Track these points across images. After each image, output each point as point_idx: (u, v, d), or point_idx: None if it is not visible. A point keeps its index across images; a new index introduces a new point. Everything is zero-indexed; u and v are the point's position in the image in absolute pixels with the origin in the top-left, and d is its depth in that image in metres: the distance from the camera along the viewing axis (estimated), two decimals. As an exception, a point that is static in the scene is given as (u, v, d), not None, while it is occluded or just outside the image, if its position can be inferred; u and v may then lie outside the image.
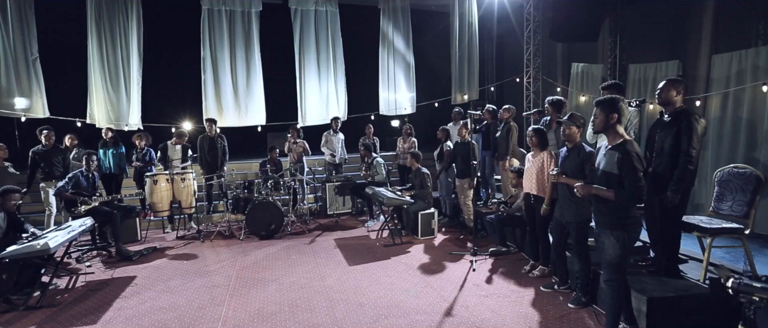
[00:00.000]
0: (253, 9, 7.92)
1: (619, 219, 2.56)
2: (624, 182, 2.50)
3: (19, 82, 6.83)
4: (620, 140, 2.58)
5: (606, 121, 2.60)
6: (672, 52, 7.21)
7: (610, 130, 2.61)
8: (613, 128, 2.60)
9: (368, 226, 6.32)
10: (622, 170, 2.50)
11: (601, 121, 2.62)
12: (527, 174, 4.04)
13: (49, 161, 5.46)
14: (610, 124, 2.59)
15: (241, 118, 8.10)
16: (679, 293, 2.93)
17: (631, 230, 2.57)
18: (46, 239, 3.58)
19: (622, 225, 2.56)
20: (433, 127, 7.17)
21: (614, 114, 2.57)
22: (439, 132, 5.94)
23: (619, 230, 2.56)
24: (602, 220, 2.65)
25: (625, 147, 2.52)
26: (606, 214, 2.62)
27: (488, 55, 11.54)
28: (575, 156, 3.26)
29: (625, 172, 2.49)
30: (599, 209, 2.67)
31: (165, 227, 6.37)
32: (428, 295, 3.71)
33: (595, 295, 3.37)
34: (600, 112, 2.62)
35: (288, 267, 4.54)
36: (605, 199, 2.59)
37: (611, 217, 2.59)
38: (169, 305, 3.64)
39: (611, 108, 2.58)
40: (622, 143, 2.56)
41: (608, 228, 2.60)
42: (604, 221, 2.64)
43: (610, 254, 2.62)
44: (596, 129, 2.68)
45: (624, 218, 2.55)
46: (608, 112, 2.58)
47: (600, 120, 2.63)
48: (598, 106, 2.64)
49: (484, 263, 4.54)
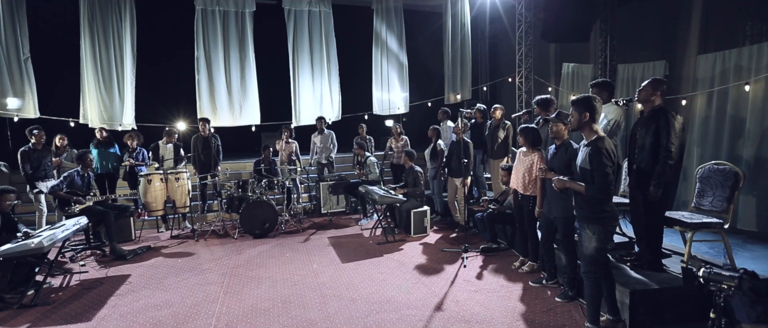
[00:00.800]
0: (246, 9, 7.96)
1: (595, 213, 2.67)
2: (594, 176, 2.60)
3: (13, 82, 6.80)
4: (594, 137, 2.69)
5: (579, 119, 2.72)
6: (660, 53, 7.35)
7: (585, 128, 2.73)
8: (587, 126, 2.71)
9: (362, 224, 6.38)
10: (592, 164, 2.61)
11: (576, 120, 2.74)
12: (515, 171, 4.12)
13: (38, 161, 5.42)
14: (584, 122, 2.71)
15: (236, 118, 8.12)
16: (661, 285, 3.03)
17: (606, 223, 2.67)
18: (40, 238, 3.60)
19: (597, 219, 2.66)
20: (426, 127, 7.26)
21: (586, 113, 2.68)
22: (430, 131, 6.01)
23: (595, 223, 2.67)
24: (581, 214, 2.77)
25: (596, 143, 2.64)
26: (583, 208, 2.73)
27: (481, 55, 11.65)
28: (563, 153, 3.34)
29: (594, 166, 2.60)
30: (578, 203, 2.79)
31: (159, 227, 6.39)
32: (419, 290, 3.79)
33: (581, 289, 3.45)
34: (574, 110, 2.75)
35: (281, 265, 4.59)
36: (582, 193, 2.69)
37: (587, 210, 2.70)
38: (163, 302, 3.68)
39: (584, 107, 2.70)
40: (594, 140, 2.68)
41: (585, 221, 2.71)
42: (582, 215, 2.75)
43: (586, 246, 2.73)
44: (572, 127, 2.80)
45: (599, 211, 2.66)
46: (581, 110, 2.70)
47: (574, 119, 2.76)
48: (573, 105, 2.76)
49: (475, 259, 4.62)
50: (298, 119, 8.44)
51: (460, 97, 9.48)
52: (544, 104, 4.67)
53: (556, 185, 2.82)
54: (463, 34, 9.30)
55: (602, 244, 2.68)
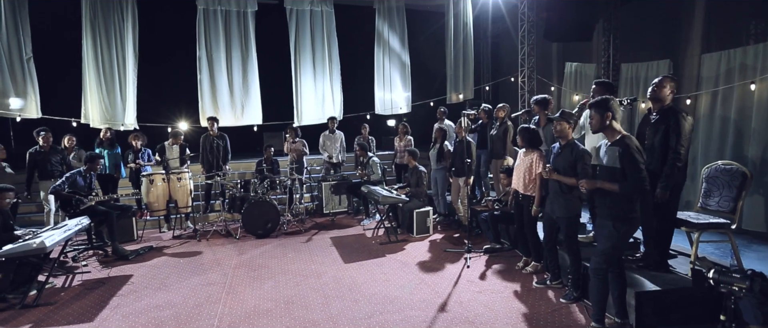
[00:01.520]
0: (248, 9, 7.94)
1: (624, 212, 2.66)
2: (626, 175, 2.59)
3: (15, 82, 6.80)
4: (619, 136, 2.69)
5: (602, 121, 2.71)
6: (664, 52, 7.31)
7: (608, 129, 2.72)
8: (609, 127, 2.71)
9: (364, 224, 6.36)
10: (623, 164, 2.60)
11: (598, 122, 2.73)
12: (516, 171, 4.10)
13: (46, 162, 5.46)
14: (606, 124, 2.70)
15: (238, 118, 8.11)
16: (668, 286, 3.00)
17: (632, 224, 2.68)
18: (42, 238, 3.59)
19: (626, 219, 2.66)
20: (428, 127, 7.21)
21: (608, 113, 2.68)
22: (436, 131, 5.98)
23: (622, 222, 2.66)
24: (605, 212, 2.75)
25: (624, 142, 2.64)
26: (610, 207, 2.71)
27: (483, 55, 11.62)
28: (568, 153, 3.32)
29: (626, 165, 2.59)
30: (603, 202, 2.76)
31: (161, 227, 6.38)
32: (423, 291, 3.76)
33: (585, 290, 3.43)
34: (595, 113, 2.74)
35: (284, 265, 4.57)
36: (611, 193, 2.68)
37: (616, 210, 2.68)
38: (165, 302, 3.66)
39: (605, 108, 2.69)
40: (621, 139, 2.67)
41: (610, 219, 2.69)
42: (607, 213, 2.73)
43: (605, 243, 2.71)
44: (594, 129, 2.80)
45: (629, 211, 2.66)
46: (603, 112, 2.70)
47: (596, 121, 2.74)
48: (593, 107, 2.75)
49: (479, 260, 4.59)
50: (300, 119, 8.42)
51: (463, 96, 9.45)
52: (543, 103, 4.71)
53: (585, 186, 2.80)
54: (466, 33, 9.27)
55: (622, 244, 2.69)
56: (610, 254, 2.71)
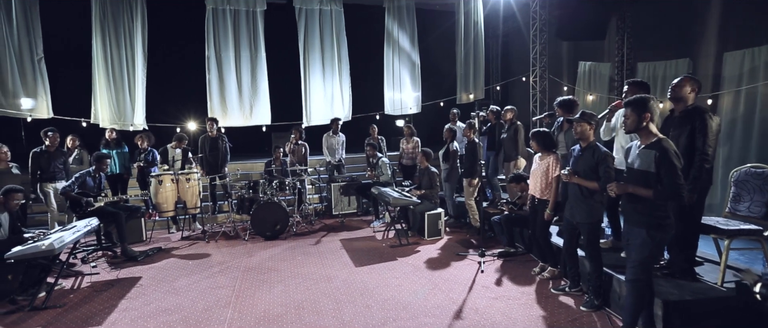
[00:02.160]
0: (257, 8, 7.89)
1: (657, 219, 2.52)
2: (662, 180, 2.46)
3: (26, 82, 6.82)
4: (655, 139, 2.55)
5: (638, 121, 2.56)
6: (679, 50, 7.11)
7: (643, 130, 2.58)
8: (645, 128, 2.56)
9: (374, 226, 6.27)
10: (660, 168, 2.46)
11: (634, 122, 2.58)
12: (533, 176, 3.97)
13: (49, 163, 5.41)
14: (643, 125, 2.55)
15: (246, 118, 8.06)
16: (697, 296, 2.85)
17: (667, 230, 2.54)
18: (50, 240, 3.55)
19: (660, 226, 2.52)
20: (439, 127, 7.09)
21: (647, 113, 2.53)
22: (446, 132, 5.87)
23: (656, 229, 2.52)
24: (637, 218, 2.60)
25: (661, 145, 2.49)
26: (643, 213, 2.57)
27: (493, 54, 11.47)
28: (589, 156, 3.19)
29: (663, 169, 2.45)
30: (635, 208, 2.62)
31: (170, 228, 6.35)
32: (436, 297, 3.65)
33: (607, 298, 3.30)
34: (632, 112, 2.58)
35: (294, 268, 4.49)
36: (642, 198, 2.54)
37: (649, 216, 2.54)
38: (174, 306, 3.60)
39: (643, 108, 2.54)
40: (657, 141, 2.53)
41: (644, 227, 2.55)
42: (639, 220, 2.59)
43: (640, 253, 2.57)
44: (628, 129, 2.64)
45: (662, 218, 2.52)
46: (641, 112, 2.54)
47: (632, 121, 2.59)
48: (629, 106, 2.60)
49: (492, 264, 4.47)
50: (309, 119, 8.35)
51: (473, 96, 9.31)
52: (568, 106, 4.47)
53: (615, 191, 2.66)
54: (476, 32, 9.13)
55: (657, 252, 2.54)
56: (648, 264, 2.57)
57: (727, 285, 3.00)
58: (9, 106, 6.71)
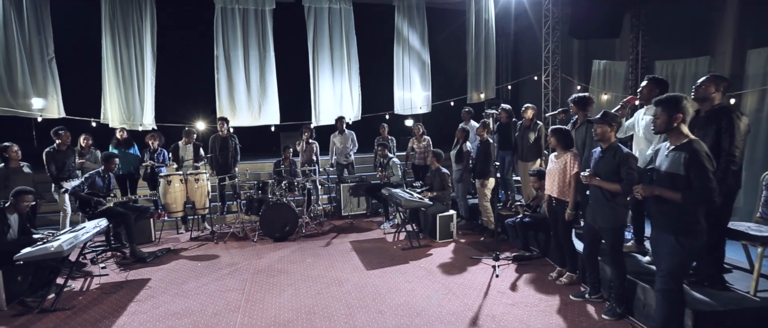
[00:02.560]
0: (266, 7, 7.82)
1: (687, 224, 2.39)
2: (692, 183, 2.32)
3: (36, 82, 6.84)
4: (686, 140, 2.41)
5: (669, 121, 2.43)
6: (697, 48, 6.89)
7: (674, 131, 2.44)
8: (676, 129, 2.43)
9: (384, 228, 6.17)
10: (690, 171, 2.33)
11: (664, 122, 2.45)
12: (550, 176, 3.84)
13: (62, 162, 5.42)
14: (674, 126, 2.42)
15: (255, 118, 8.01)
16: (728, 306, 2.71)
17: (697, 237, 2.40)
18: (60, 241, 3.51)
19: (688, 231, 2.39)
20: (449, 126, 6.96)
21: (679, 114, 2.40)
22: (458, 132, 5.74)
23: (685, 236, 2.39)
24: (665, 223, 2.47)
25: (692, 146, 2.36)
26: (671, 217, 2.44)
27: (504, 53, 11.29)
28: (610, 157, 3.06)
29: (694, 172, 2.31)
30: (662, 212, 2.49)
31: (179, 228, 6.31)
32: (451, 302, 3.55)
33: (631, 306, 3.17)
34: (662, 112, 2.45)
35: (304, 271, 4.41)
36: (670, 202, 2.42)
37: (677, 221, 2.41)
38: (183, 310, 3.54)
39: (676, 107, 2.40)
40: (688, 143, 2.39)
41: (672, 233, 2.42)
42: (667, 225, 2.46)
43: (670, 261, 2.44)
44: (658, 130, 2.51)
45: (692, 223, 2.38)
46: (673, 111, 2.41)
47: (662, 120, 2.45)
48: (660, 105, 2.47)
49: (507, 268, 4.35)
50: (318, 119, 8.27)
51: (484, 96, 9.17)
52: (583, 103, 4.37)
53: (641, 193, 2.53)
54: (487, 30, 8.98)
55: (688, 260, 2.41)
56: (678, 272, 2.44)
57: (760, 295, 2.85)
58: (19, 106, 6.73)
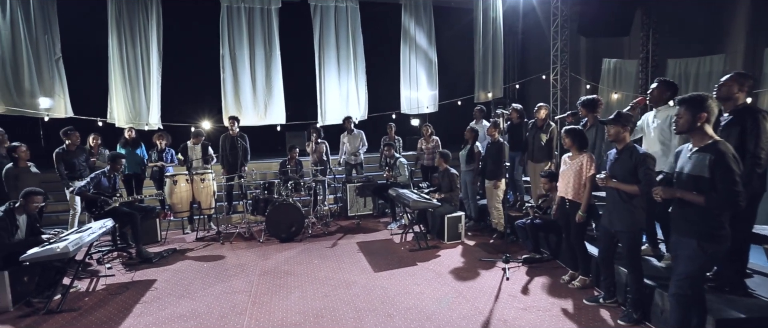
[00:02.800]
0: (272, 6, 7.79)
1: (710, 228, 2.30)
2: (717, 186, 2.23)
3: (43, 81, 6.84)
4: (710, 141, 2.32)
5: (692, 121, 2.33)
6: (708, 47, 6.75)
7: (697, 132, 2.35)
8: (700, 129, 2.33)
9: (391, 228, 6.10)
10: (715, 173, 2.23)
11: (687, 122, 2.35)
12: (563, 177, 3.75)
13: (71, 162, 5.43)
14: (698, 126, 2.32)
15: (261, 117, 7.98)
16: (752, 314, 2.61)
17: (721, 242, 2.30)
18: (66, 242, 3.48)
19: (712, 236, 2.30)
20: (455, 126, 6.88)
21: (703, 113, 2.30)
22: (467, 132, 5.66)
23: (708, 240, 2.30)
24: (687, 227, 2.38)
25: (717, 147, 2.26)
26: (694, 222, 2.35)
27: (511, 51, 11.17)
28: (626, 158, 2.97)
29: (719, 175, 2.22)
30: (684, 216, 2.40)
31: (185, 228, 6.29)
32: (462, 306, 3.47)
33: (648, 311, 3.07)
34: (685, 111, 2.35)
35: (310, 273, 4.35)
36: (693, 205, 2.32)
37: (700, 225, 2.32)
38: (189, 312, 3.49)
39: (700, 107, 2.31)
40: (713, 144, 2.29)
41: (694, 237, 2.33)
42: (689, 229, 2.37)
43: (689, 265, 2.35)
44: (680, 130, 2.41)
45: (716, 227, 2.29)
46: (696, 111, 2.31)
47: (685, 120, 2.36)
48: (684, 104, 2.37)
49: (518, 271, 4.27)
50: (324, 119, 8.22)
51: (491, 95, 9.08)
52: (591, 105, 4.38)
53: (662, 195, 2.44)
54: (495, 29, 8.88)
55: (709, 266, 2.32)
56: (696, 278, 2.35)
57: (785, 302, 2.75)
58: (26, 106, 6.74)
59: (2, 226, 3.63)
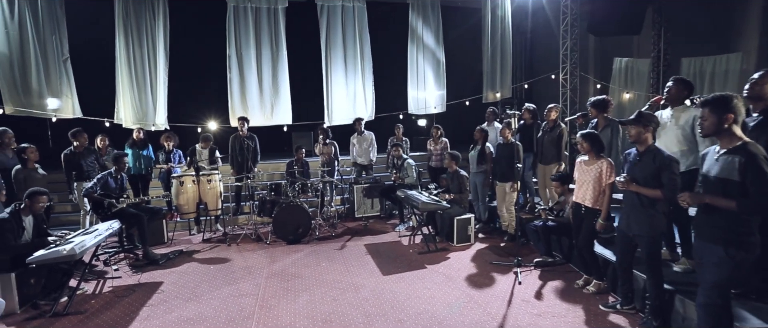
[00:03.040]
0: (279, 5, 7.74)
1: (739, 235, 2.19)
2: (748, 190, 2.13)
3: (50, 82, 6.85)
4: (739, 142, 2.21)
5: (719, 123, 2.23)
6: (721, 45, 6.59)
7: (724, 133, 2.24)
8: (727, 131, 2.23)
9: (399, 230, 6.02)
10: (746, 176, 2.13)
11: (713, 123, 2.25)
12: (580, 183, 3.64)
13: (80, 163, 5.41)
14: (724, 127, 2.22)
15: (267, 118, 7.94)
16: (781, 323, 2.50)
17: (750, 250, 2.20)
18: (72, 245, 3.44)
19: (740, 242, 2.19)
20: (462, 127, 6.77)
21: (729, 114, 2.20)
22: (477, 132, 5.56)
23: (736, 247, 2.20)
24: (713, 234, 2.28)
25: (748, 149, 2.15)
26: (721, 227, 2.24)
27: (519, 51, 11.04)
28: (649, 161, 2.86)
29: (751, 177, 2.12)
30: (710, 221, 2.30)
31: (191, 229, 6.25)
32: (473, 312, 3.38)
33: (668, 319, 2.97)
34: (710, 113, 2.25)
35: (318, 276, 4.28)
36: (719, 210, 2.22)
37: (729, 232, 2.21)
38: (196, 315, 3.44)
39: (725, 108, 2.21)
40: (742, 146, 2.19)
41: (721, 244, 2.23)
42: (716, 236, 2.26)
43: (717, 274, 2.25)
44: (706, 132, 2.32)
45: (745, 234, 2.19)
46: (722, 113, 2.21)
47: (711, 122, 2.26)
48: (708, 106, 2.28)
49: (530, 275, 4.17)
50: (331, 119, 8.16)
51: (500, 95, 8.97)
52: (602, 106, 4.30)
53: (689, 201, 2.34)
54: (503, 28, 8.77)
55: (737, 274, 2.22)
56: (725, 286, 2.25)
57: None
58: (34, 107, 6.74)
59: (8, 227, 3.59)
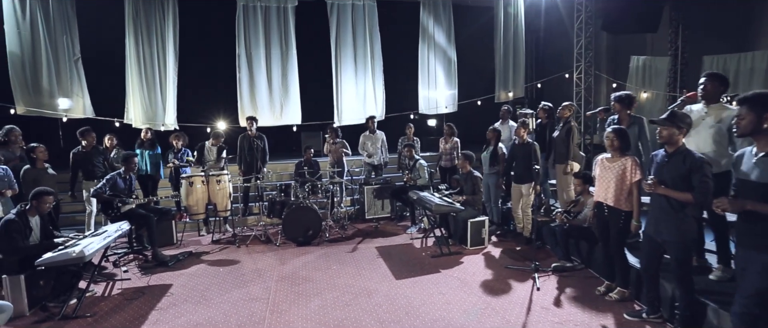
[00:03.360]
0: (288, 4, 7.68)
1: None
2: None
3: (62, 82, 6.85)
4: None
5: (758, 122, 2.09)
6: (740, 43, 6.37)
7: (763, 134, 2.10)
8: (766, 130, 2.08)
9: (410, 232, 5.90)
10: None
11: (751, 123, 2.11)
12: (602, 181, 3.49)
13: (89, 162, 5.40)
14: (764, 127, 2.08)
15: (276, 118, 7.87)
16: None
17: None
18: (81, 247, 3.39)
19: None
20: (474, 127, 6.63)
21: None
22: (489, 133, 5.43)
23: None
24: (755, 241, 2.14)
25: None
26: (764, 235, 2.10)
27: (531, 49, 10.86)
28: (679, 163, 2.71)
29: None
30: (752, 229, 2.16)
31: (200, 230, 6.20)
32: (491, 319, 3.25)
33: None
34: (748, 112, 2.11)
35: (330, 279, 4.19)
36: (764, 217, 2.08)
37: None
38: (205, 320, 3.36)
39: (764, 106, 2.07)
40: None
41: (765, 252, 2.09)
42: (759, 244, 2.13)
43: (758, 282, 2.12)
44: (742, 132, 2.17)
45: None
46: (761, 111, 2.07)
47: (748, 121, 2.12)
48: (746, 104, 2.13)
49: (548, 280, 4.02)
50: (340, 119, 8.07)
51: (512, 94, 8.81)
52: (627, 101, 4.13)
53: (726, 208, 2.20)
54: (516, 26, 8.62)
55: None
56: (766, 296, 2.10)
57: None
58: (45, 106, 6.75)
59: (15, 228, 3.55)
